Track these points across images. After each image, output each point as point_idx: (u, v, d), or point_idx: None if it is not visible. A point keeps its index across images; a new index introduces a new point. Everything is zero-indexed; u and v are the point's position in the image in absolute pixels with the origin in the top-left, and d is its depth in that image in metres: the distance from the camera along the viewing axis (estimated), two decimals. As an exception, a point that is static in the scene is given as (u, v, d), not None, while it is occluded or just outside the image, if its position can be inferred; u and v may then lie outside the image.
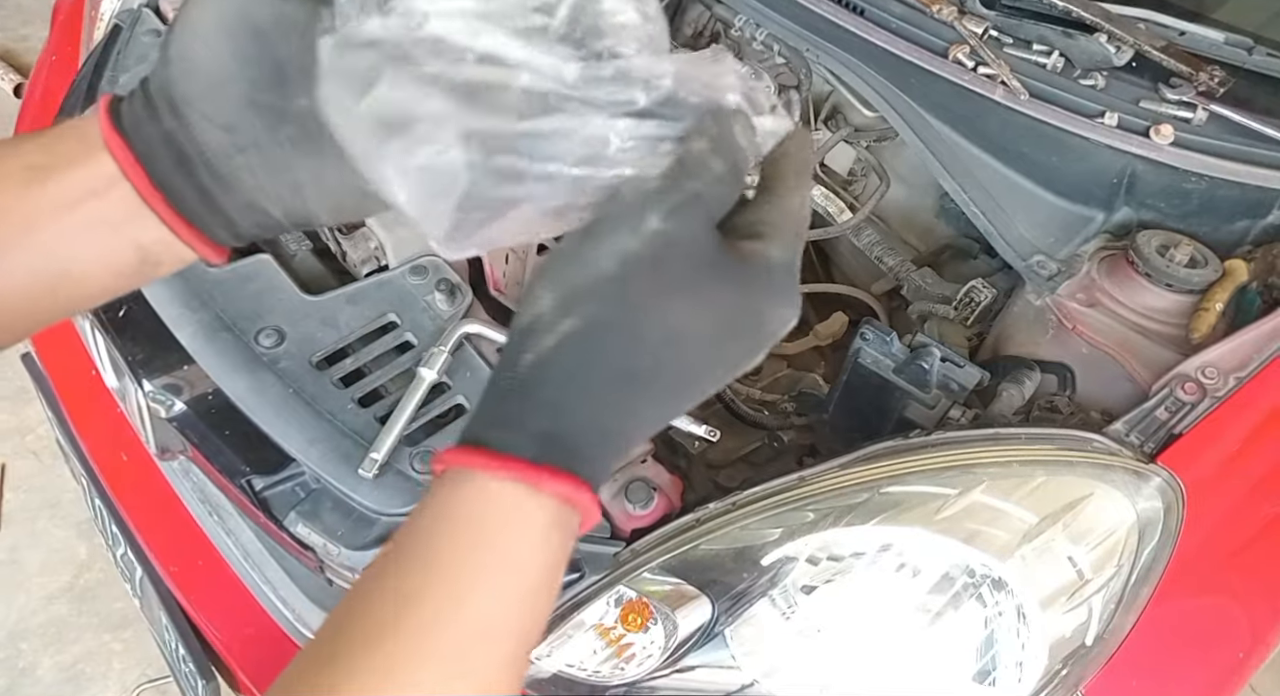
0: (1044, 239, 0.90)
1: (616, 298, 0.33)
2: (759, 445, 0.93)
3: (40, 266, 0.39)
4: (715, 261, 0.35)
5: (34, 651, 1.47)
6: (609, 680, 0.76)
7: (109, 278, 0.41)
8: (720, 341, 0.36)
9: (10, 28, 2.57)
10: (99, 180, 0.38)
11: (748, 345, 0.37)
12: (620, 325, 0.34)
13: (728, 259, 0.36)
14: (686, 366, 0.35)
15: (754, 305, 0.36)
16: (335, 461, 0.75)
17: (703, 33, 1.17)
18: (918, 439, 0.75)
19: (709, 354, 0.36)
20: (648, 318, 0.34)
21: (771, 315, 0.37)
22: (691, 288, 0.35)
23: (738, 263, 0.36)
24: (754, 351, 0.38)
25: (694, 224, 0.35)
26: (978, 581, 0.71)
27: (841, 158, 1.14)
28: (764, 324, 0.37)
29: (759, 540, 0.73)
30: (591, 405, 0.34)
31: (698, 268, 0.35)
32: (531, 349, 0.34)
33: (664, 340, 0.34)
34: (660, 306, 0.34)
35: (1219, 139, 0.89)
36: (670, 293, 0.34)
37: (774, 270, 0.37)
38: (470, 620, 0.32)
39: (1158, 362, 0.81)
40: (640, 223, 0.34)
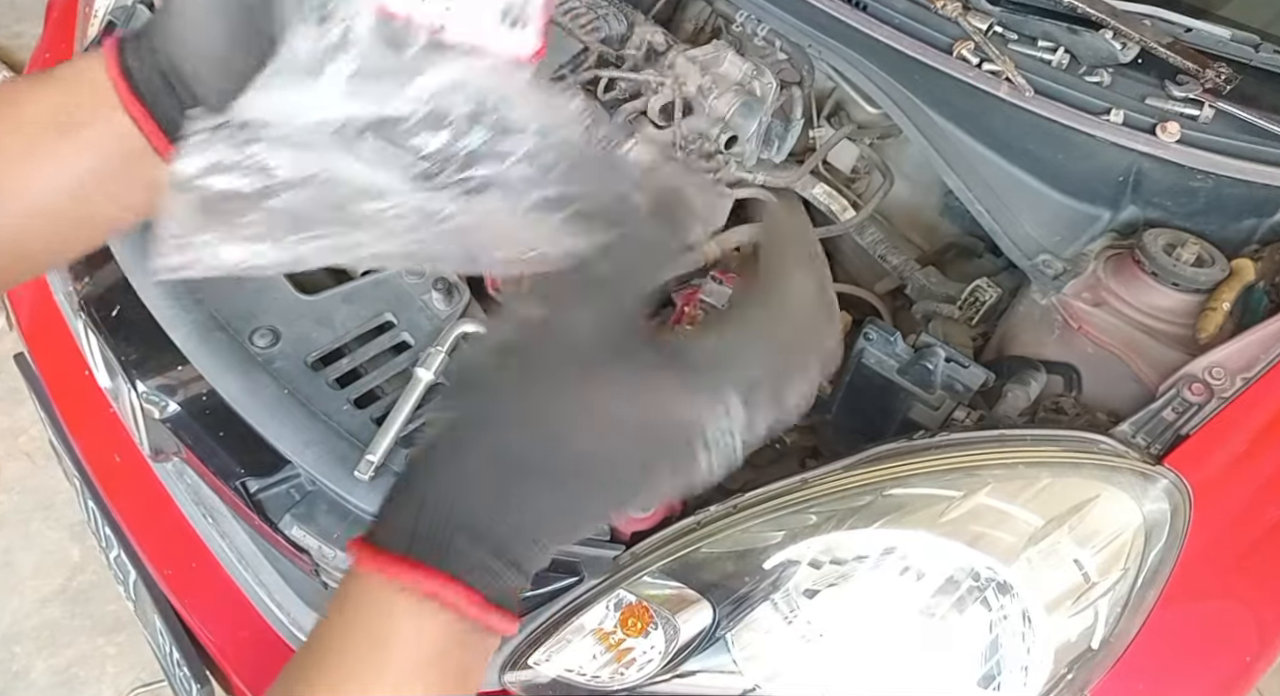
0: (1049, 237, 0.89)
1: (502, 390, 0.33)
2: (761, 446, 0.92)
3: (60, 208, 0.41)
4: (624, 351, 0.33)
5: (27, 655, 1.46)
6: (609, 685, 0.75)
7: (120, 211, 0.43)
8: (627, 431, 0.33)
9: (4, 24, 2.56)
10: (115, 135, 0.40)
11: (664, 440, 0.34)
12: (492, 415, 0.32)
13: (642, 349, 0.34)
14: (586, 456, 0.33)
15: (664, 400, 0.33)
16: (331, 463, 0.74)
17: (703, 29, 1.16)
18: (922, 440, 0.74)
19: (614, 444, 0.33)
20: (524, 406, 0.32)
21: (678, 413, 0.34)
22: (593, 378, 0.33)
23: (654, 355, 0.34)
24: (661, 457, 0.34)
25: (595, 310, 0.33)
26: (982, 585, 0.70)
27: (845, 155, 1.13)
28: (673, 422, 0.34)
29: (761, 543, 0.72)
30: (462, 498, 0.32)
31: (600, 354, 0.33)
32: (418, 443, 0.34)
33: (547, 430, 0.32)
34: (557, 397, 0.32)
35: (1225, 136, 0.89)
36: (565, 382, 0.32)
37: (695, 369, 0.34)
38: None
39: (1164, 363, 0.80)
40: (519, 311, 0.33)
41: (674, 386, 0.34)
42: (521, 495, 0.33)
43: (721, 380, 0.35)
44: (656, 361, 0.34)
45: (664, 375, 0.34)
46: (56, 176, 0.40)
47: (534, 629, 0.74)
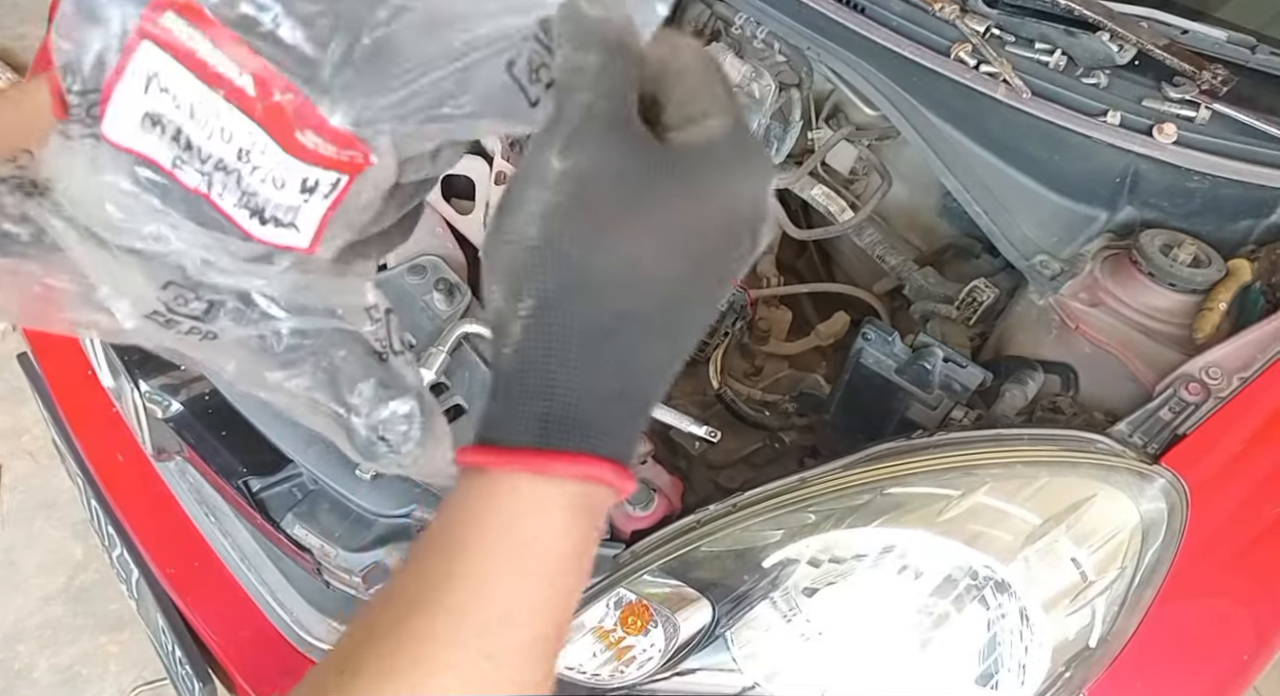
0: (1047, 238, 0.90)
1: (555, 261, 0.30)
2: (760, 446, 0.92)
3: None
4: (646, 164, 0.31)
5: (30, 653, 1.46)
6: (609, 683, 0.75)
7: None
8: (692, 248, 0.32)
9: (8, 26, 2.56)
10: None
11: (725, 240, 0.33)
12: (572, 286, 0.31)
13: (661, 154, 0.32)
14: (666, 291, 0.32)
15: (712, 192, 0.32)
16: (333, 462, 0.74)
17: (703, 31, 1.16)
18: (920, 440, 0.74)
19: (685, 267, 0.32)
20: (595, 266, 0.31)
21: (738, 194, 0.33)
22: (630, 208, 0.31)
23: (676, 153, 0.32)
24: (736, 245, 0.33)
25: (600, 140, 0.31)
26: (980, 583, 0.70)
27: (843, 156, 1.13)
28: (733, 208, 0.33)
29: (760, 542, 0.72)
30: (578, 375, 0.31)
31: (626, 182, 0.31)
32: (505, 342, 0.32)
33: (626, 279, 0.31)
34: (604, 246, 0.31)
35: (1222, 138, 0.89)
36: (608, 227, 0.31)
37: (719, 144, 0.32)
38: (497, 602, 0.31)
39: (1161, 363, 0.81)
40: (543, 172, 0.31)
41: (721, 174, 0.32)
42: (633, 354, 0.32)
43: (755, 152, 0.34)
44: (692, 162, 0.32)
45: (705, 171, 0.32)
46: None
47: (534, 627, 0.74)
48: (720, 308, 0.34)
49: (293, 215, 0.30)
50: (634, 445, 0.33)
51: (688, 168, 0.32)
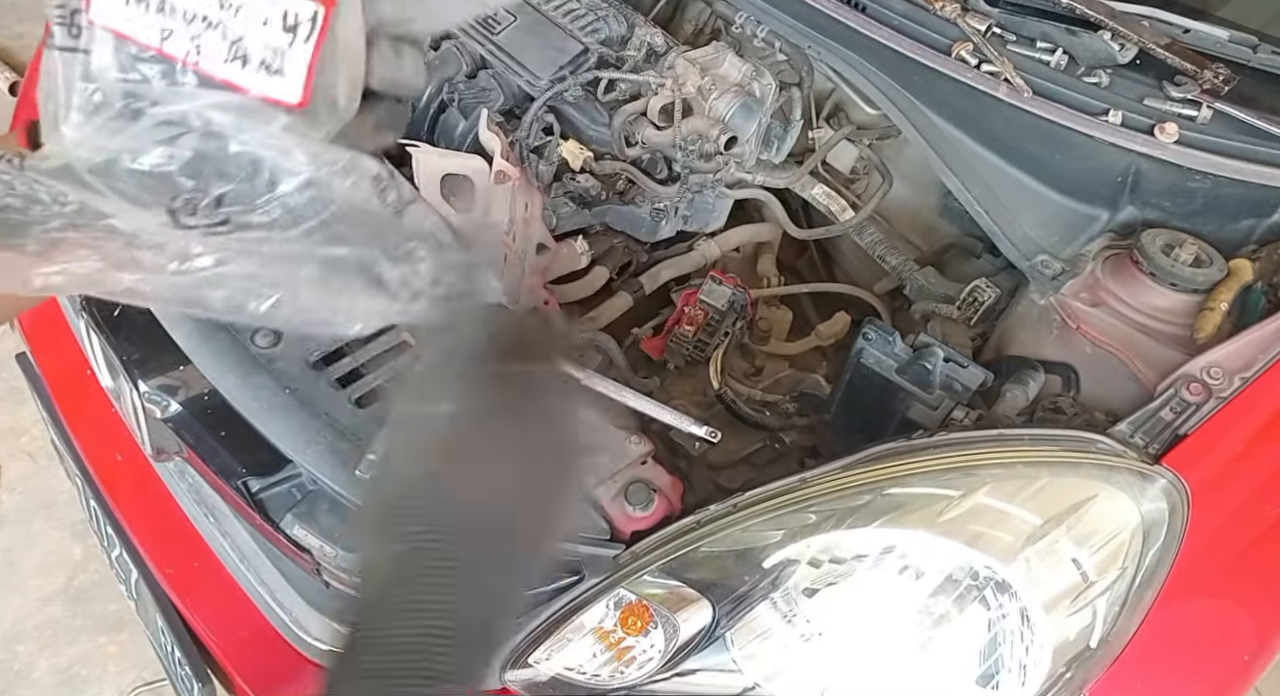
0: (1048, 238, 0.89)
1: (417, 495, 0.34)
2: (760, 446, 0.92)
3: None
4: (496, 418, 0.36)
5: (29, 653, 1.46)
6: (608, 683, 0.75)
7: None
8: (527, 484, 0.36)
9: (6, 25, 2.56)
10: None
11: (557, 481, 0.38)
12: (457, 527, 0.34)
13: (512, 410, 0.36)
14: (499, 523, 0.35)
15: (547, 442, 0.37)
16: (332, 462, 0.74)
17: (703, 30, 1.16)
18: (921, 440, 0.74)
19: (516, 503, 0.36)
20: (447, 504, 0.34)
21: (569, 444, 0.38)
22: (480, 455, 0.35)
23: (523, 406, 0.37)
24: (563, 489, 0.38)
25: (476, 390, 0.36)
26: (981, 584, 0.70)
27: (844, 156, 1.13)
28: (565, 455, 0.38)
29: (760, 542, 0.72)
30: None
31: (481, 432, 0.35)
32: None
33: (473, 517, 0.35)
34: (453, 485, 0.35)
35: (1224, 137, 0.89)
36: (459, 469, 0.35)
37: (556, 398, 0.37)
38: None
39: (1162, 363, 0.80)
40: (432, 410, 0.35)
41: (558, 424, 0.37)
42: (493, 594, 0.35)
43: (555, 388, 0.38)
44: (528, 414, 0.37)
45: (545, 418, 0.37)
46: None
47: (534, 627, 0.74)
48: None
49: (280, 59, 0.31)
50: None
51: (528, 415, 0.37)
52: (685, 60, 0.99)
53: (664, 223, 1.02)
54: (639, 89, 1.00)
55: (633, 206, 1.02)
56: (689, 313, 0.99)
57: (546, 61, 0.99)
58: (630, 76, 0.99)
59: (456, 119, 1.02)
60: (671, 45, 1.02)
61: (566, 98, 1.00)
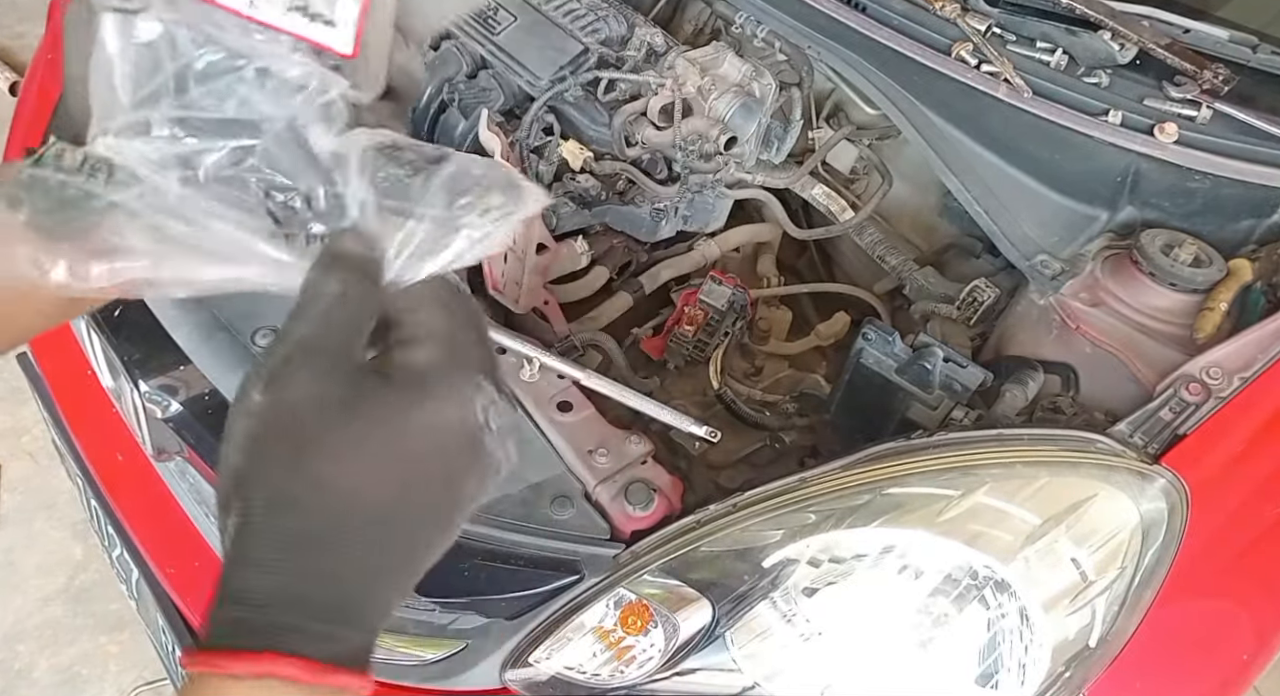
0: (1048, 238, 0.90)
1: (256, 481, 0.34)
2: (760, 446, 0.92)
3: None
4: (351, 392, 0.34)
5: (30, 653, 1.46)
6: (608, 683, 0.75)
7: (34, 317, 0.42)
8: (404, 469, 0.35)
9: (6, 25, 2.56)
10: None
11: (438, 462, 0.36)
12: (272, 504, 0.34)
13: (369, 384, 0.35)
14: (378, 509, 0.34)
15: (415, 417, 0.35)
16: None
17: (703, 30, 1.16)
18: (920, 440, 0.74)
19: (398, 486, 0.35)
20: (294, 487, 0.34)
21: (441, 419, 0.35)
22: (330, 433, 0.34)
23: (383, 382, 0.35)
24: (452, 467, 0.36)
25: (303, 372, 0.34)
26: (980, 583, 0.70)
27: (844, 156, 1.13)
28: (439, 431, 0.35)
29: (760, 542, 0.72)
30: (268, 581, 0.33)
31: (326, 410, 0.34)
32: (221, 554, 0.34)
33: (328, 499, 0.34)
34: (303, 469, 0.34)
35: (1223, 137, 0.89)
36: (307, 451, 0.34)
37: (424, 375, 0.36)
38: None
39: (1162, 363, 0.80)
40: (247, 403, 0.34)
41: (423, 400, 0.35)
42: (345, 556, 0.34)
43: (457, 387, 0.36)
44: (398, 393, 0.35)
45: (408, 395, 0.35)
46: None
47: (534, 627, 0.74)
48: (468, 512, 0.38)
49: (331, 9, 0.33)
50: (346, 644, 0.34)
51: (393, 397, 0.35)
52: (685, 60, 0.99)
53: (664, 223, 1.03)
54: (639, 89, 1.00)
55: (633, 206, 1.02)
56: (689, 313, 1.00)
57: (546, 61, 0.99)
58: (630, 76, 0.99)
59: (457, 119, 1.02)
60: (671, 45, 1.02)
61: (566, 98, 1.00)
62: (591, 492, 0.77)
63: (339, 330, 0.35)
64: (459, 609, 0.78)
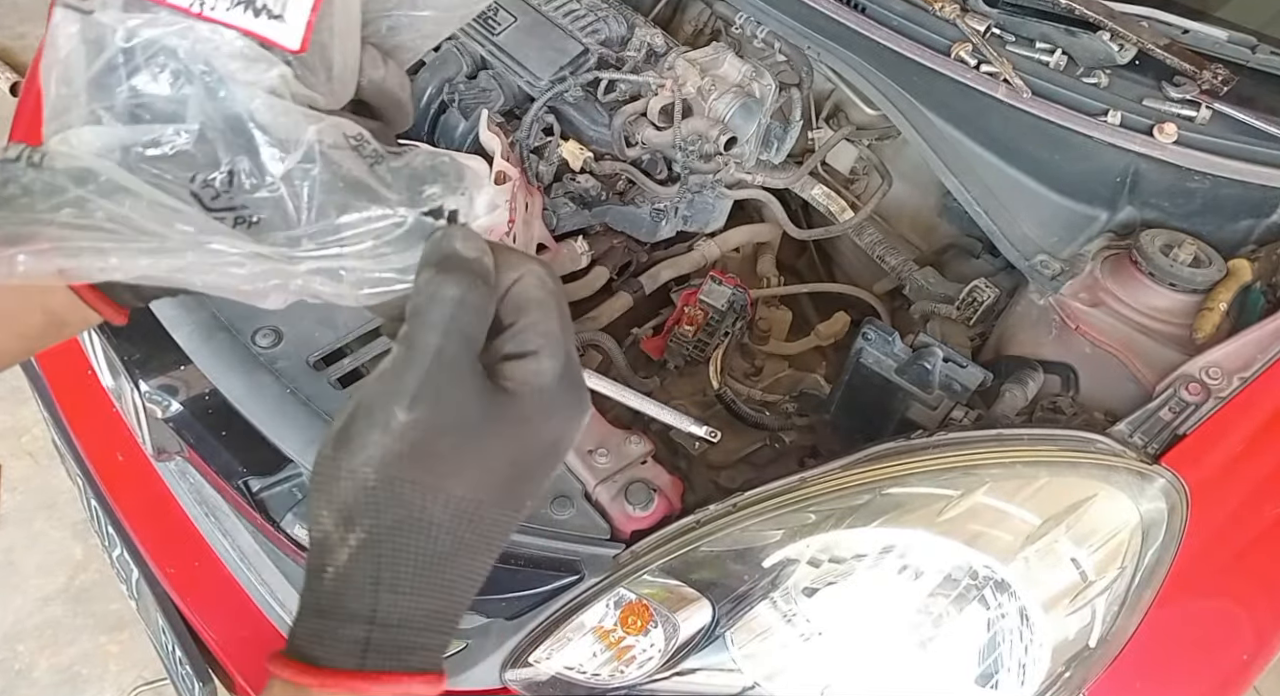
0: (1047, 238, 0.90)
1: (390, 502, 0.33)
2: (760, 446, 0.92)
3: None
4: (484, 410, 0.34)
5: (30, 653, 1.46)
6: (609, 682, 0.75)
7: (14, 340, 0.41)
8: (515, 477, 0.35)
9: (7, 25, 2.56)
10: None
11: (544, 467, 0.37)
12: (407, 524, 0.33)
13: (497, 400, 0.34)
14: (490, 520, 0.35)
15: (538, 431, 0.35)
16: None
17: (703, 30, 1.16)
18: (920, 440, 0.74)
19: (509, 496, 0.35)
20: (430, 505, 0.33)
21: (562, 429, 0.36)
22: (467, 453, 0.34)
23: (509, 397, 0.35)
24: (550, 468, 0.37)
25: (445, 391, 0.33)
26: (980, 583, 0.70)
27: (843, 156, 1.13)
28: (557, 440, 0.36)
29: (760, 542, 0.72)
30: (403, 602, 0.34)
31: (465, 429, 0.33)
32: (330, 564, 0.33)
33: (456, 514, 0.34)
34: (442, 489, 0.33)
35: (1223, 137, 0.89)
36: (446, 471, 0.33)
37: (548, 387, 0.35)
38: None
39: (1161, 363, 0.80)
40: (388, 420, 0.32)
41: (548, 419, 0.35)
42: (455, 576, 0.35)
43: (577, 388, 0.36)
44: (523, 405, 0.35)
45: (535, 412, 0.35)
46: None
47: (534, 627, 0.75)
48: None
49: (282, 6, 0.33)
50: (445, 648, 0.36)
51: (519, 411, 0.35)
52: (685, 61, 0.99)
53: (664, 223, 1.03)
54: (639, 89, 1.00)
55: (633, 206, 1.02)
56: (689, 313, 1.00)
57: (547, 62, 0.99)
58: (630, 77, 0.99)
59: (457, 119, 1.02)
60: (671, 46, 1.02)
61: (566, 98, 1.00)
62: (591, 492, 0.77)
63: (467, 340, 0.34)
64: (459, 609, 0.78)
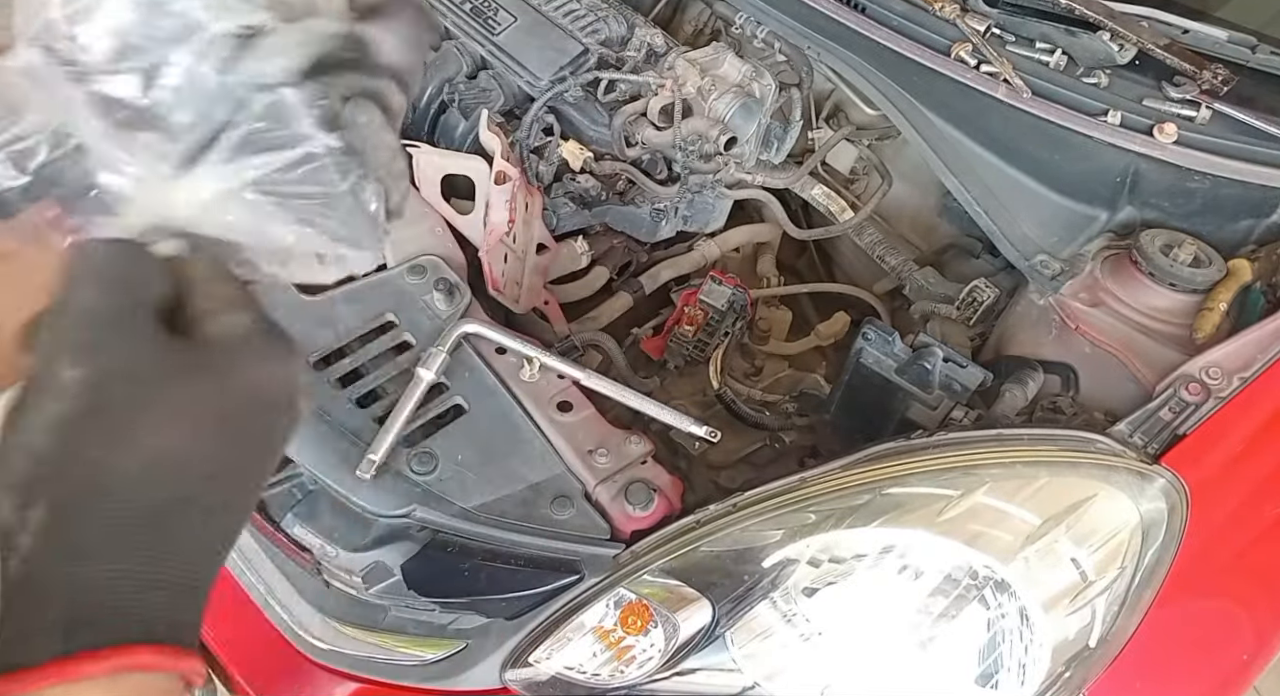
0: (1047, 238, 0.90)
1: (69, 463, 0.31)
2: (760, 446, 0.92)
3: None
4: (162, 361, 0.32)
5: (30, 653, 1.46)
6: (609, 683, 0.75)
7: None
8: (226, 431, 0.33)
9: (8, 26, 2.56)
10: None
11: (261, 419, 0.35)
12: (94, 487, 0.31)
13: (178, 350, 0.33)
14: (203, 476, 0.33)
15: (235, 379, 0.34)
16: (333, 462, 0.74)
17: (703, 30, 1.16)
18: (920, 440, 0.74)
19: (221, 449, 0.33)
20: (119, 465, 0.31)
21: (264, 377, 0.34)
22: (148, 405, 0.32)
23: (194, 347, 0.33)
24: (274, 421, 0.35)
25: (109, 344, 0.32)
26: (980, 583, 0.70)
27: (843, 156, 1.13)
28: (262, 390, 0.34)
29: (760, 542, 0.72)
30: (102, 571, 0.31)
31: (140, 381, 0.32)
32: (13, 555, 0.30)
33: (155, 472, 0.32)
34: (124, 445, 0.31)
35: (1222, 137, 0.89)
36: (126, 426, 0.31)
37: (239, 336, 0.34)
38: None
39: (1161, 363, 0.81)
40: (52, 381, 0.31)
41: (244, 359, 0.34)
42: (177, 529, 0.32)
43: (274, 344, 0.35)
44: (208, 352, 0.34)
45: (226, 356, 0.34)
46: None
47: (534, 627, 0.75)
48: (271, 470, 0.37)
49: None
50: (186, 622, 0.33)
51: (207, 360, 0.34)
52: (685, 61, 0.99)
53: (664, 223, 1.03)
54: (639, 90, 1.00)
55: (633, 206, 1.02)
56: (689, 313, 1.00)
57: (547, 62, 0.99)
58: (630, 77, 0.99)
59: (457, 119, 1.02)
60: (671, 46, 1.02)
61: (567, 98, 1.00)
62: (591, 492, 0.77)
63: (131, 296, 0.33)
64: (459, 609, 0.78)
